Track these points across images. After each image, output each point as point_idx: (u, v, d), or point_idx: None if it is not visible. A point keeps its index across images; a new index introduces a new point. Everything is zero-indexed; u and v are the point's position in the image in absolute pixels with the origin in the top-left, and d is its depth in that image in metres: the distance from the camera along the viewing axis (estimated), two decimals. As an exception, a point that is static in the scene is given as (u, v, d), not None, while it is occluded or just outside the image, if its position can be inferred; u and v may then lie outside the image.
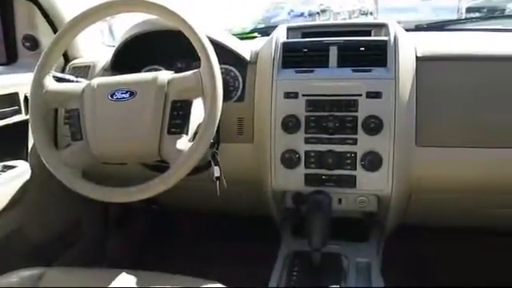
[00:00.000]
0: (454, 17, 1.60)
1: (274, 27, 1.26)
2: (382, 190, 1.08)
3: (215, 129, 0.92)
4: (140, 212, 1.77)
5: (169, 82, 0.94)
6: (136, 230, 1.81)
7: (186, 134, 0.95)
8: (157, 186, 0.91)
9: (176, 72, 0.99)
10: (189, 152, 0.90)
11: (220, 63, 0.93)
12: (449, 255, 1.59)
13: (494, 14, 1.63)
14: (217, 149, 1.12)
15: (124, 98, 0.94)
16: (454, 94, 1.08)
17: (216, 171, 1.05)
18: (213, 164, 1.05)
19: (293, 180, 1.12)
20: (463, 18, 1.61)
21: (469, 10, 1.71)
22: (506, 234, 1.42)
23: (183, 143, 0.93)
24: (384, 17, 1.42)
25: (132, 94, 0.94)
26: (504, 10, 1.63)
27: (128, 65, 1.19)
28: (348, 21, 1.26)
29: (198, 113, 0.98)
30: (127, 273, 0.92)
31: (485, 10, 1.70)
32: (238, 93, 1.18)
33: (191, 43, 0.92)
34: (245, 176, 1.18)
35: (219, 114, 0.92)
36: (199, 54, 0.91)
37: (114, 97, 0.95)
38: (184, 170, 0.90)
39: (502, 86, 1.07)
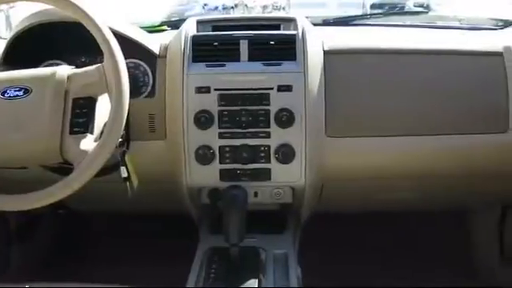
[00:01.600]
0: (360, 12, 1.67)
1: (184, 20, 1.23)
2: (296, 182, 1.11)
3: (122, 127, 0.87)
4: (46, 218, 1.65)
5: (69, 78, 0.88)
6: (42, 238, 1.68)
7: (91, 133, 0.89)
8: (60, 191, 0.84)
9: (79, 67, 0.92)
10: (94, 152, 0.85)
11: (127, 57, 0.89)
12: (361, 238, 1.68)
13: (394, 10, 1.73)
14: (127, 147, 1.07)
15: (17, 96, 0.86)
16: (359, 86, 1.12)
17: (123, 172, 1.00)
18: (120, 164, 1.00)
19: (208, 176, 1.10)
20: (368, 13, 1.68)
21: (373, 6, 1.80)
22: (411, 215, 1.53)
23: (88, 143, 0.87)
24: (295, 11, 1.45)
25: (26, 91, 0.87)
26: (404, 7, 1.75)
27: (23, 59, 1.09)
28: (258, 14, 1.27)
29: (104, 110, 0.92)
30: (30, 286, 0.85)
31: (387, 7, 1.80)
32: (148, 88, 1.13)
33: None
34: (159, 174, 1.15)
35: (126, 110, 0.87)
36: (101, 47, 0.86)
37: (6, 95, 0.87)
38: (90, 172, 0.84)
39: (402, 78, 1.14)
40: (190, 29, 1.15)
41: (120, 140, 0.96)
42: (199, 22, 1.20)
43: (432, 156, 1.15)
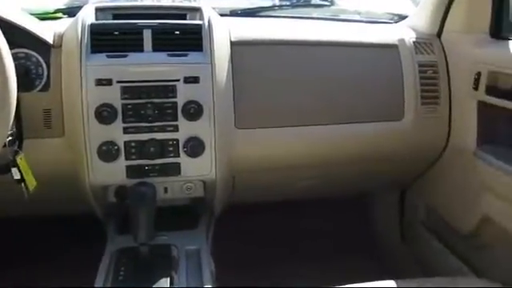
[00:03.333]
0: (267, 4, 1.68)
1: (81, 7, 1.14)
2: (206, 175, 1.09)
3: (9, 124, 0.79)
4: None
5: None
6: None
7: None
8: None
9: None
10: None
11: (16, 47, 0.80)
12: (273, 228, 1.72)
13: (300, 2, 1.77)
14: (19, 147, 0.98)
15: None
16: (266, 77, 1.13)
17: (15, 173, 0.91)
18: (11, 165, 0.91)
19: (113, 174, 1.04)
20: (275, 5, 1.70)
21: (281, -2, 1.82)
22: (318, 202, 1.59)
23: None
24: (203, 1, 1.41)
25: None
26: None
27: None
28: (161, 3, 1.22)
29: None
30: None
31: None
32: (43, 81, 1.04)
33: None
34: (59, 174, 1.07)
35: (13, 106, 0.79)
36: None
37: None
38: None
39: (307, 69, 1.17)
40: (87, 16, 1.07)
41: (9, 139, 0.87)
42: (98, 9, 1.12)
43: (336, 144, 1.20)
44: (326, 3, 1.71)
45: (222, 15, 1.22)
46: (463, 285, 0.90)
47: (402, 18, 1.44)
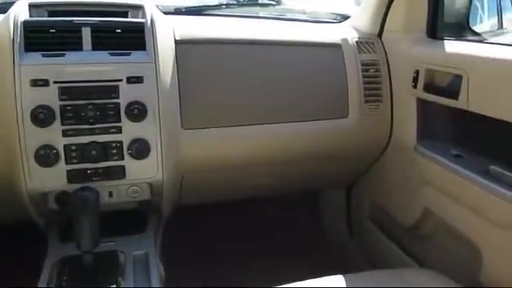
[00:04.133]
0: (213, 2, 1.67)
1: (12, 3, 1.07)
2: (153, 177, 1.06)
3: None
4: None
5: None
6: None
7: None
8: None
9: None
10: None
11: None
12: (224, 228, 1.71)
13: (246, 1, 1.77)
14: None
15: None
16: (212, 76, 1.12)
17: None
18: None
19: (53, 179, 0.99)
20: (221, 4, 1.69)
21: (228, -4, 1.81)
22: (269, 200, 1.60)
23: None
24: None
25: None
26: (257, -1, 1.79)
27: None
28: (102, 0, 1.17)
29: None
30: None
31: (241, -2, 1.83)
32: None
33: None
34: None
35: None
36: None
37: None
38: None
39: (253, 68, 1.16)
40: (20, 13, 1.01)
41: None
42: (32, 6, 1.06)
43: (284, 143, 1.20)
44: (272, 2, 1.71)
45: (165, 13, 1.20)
46: (406, 276, 0.94)
47: (345, 18, 1.48)
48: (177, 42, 1.10)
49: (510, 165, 0.98)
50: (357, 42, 1.27)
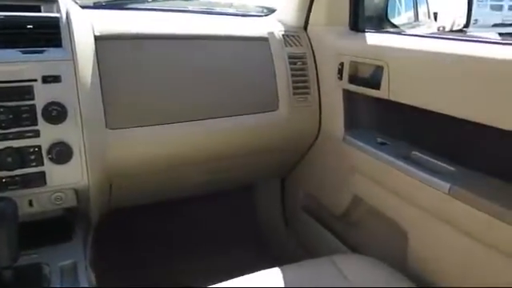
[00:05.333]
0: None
1: None
2: (78, 182, 1.00)
3: None
4: None
5: None
6: None
7: None
8: None
9: None
10: None
11: None
12: (159, 230, 1.67)
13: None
14: None
15: None
16: (137, 73, 1.07)
17: None
18: None
19: None
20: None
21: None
22: (203, 198, 1.58)
23: None
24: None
25: None
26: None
27: None
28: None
29: None
30: None
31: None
32: None
33: None
34: None
35: None
36: None
37: None
38: None
39: (179, 64, 1.13)
40: None
41: None
42: None
43: (216, 139, 1.19)
44: (197, -4, 1.69)
45: (83, 7, 1.13)
46: (339, 262, 0.96)
47: (272, 11, 1.48)
48: (96, 38, 1.04)
49: (430, 150, 1.04)
50: (283, 35, 1.28)
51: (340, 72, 1.19)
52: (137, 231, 1.63)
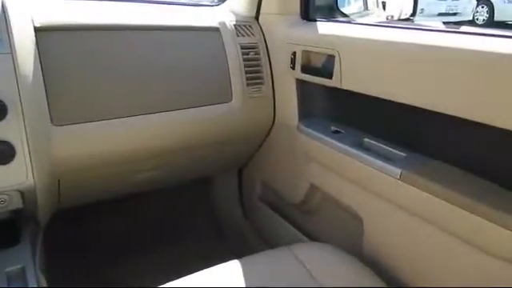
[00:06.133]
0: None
1: None
2: (22, 183, 0.94)
3: None
4: None
5: None
6: None
7: None
8: None
9: None
10: None
11: None
12: (116, 227, 1.62)
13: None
14: None
15: None
16: (83, 66, 1.02)
17: None
18: None
19: None
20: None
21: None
22: (160, 192, 1.55)
23: None
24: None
25: None
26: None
27: None
28: None
29: None
30: None
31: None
32: None
33: None
34: None
35: None
36: None
37: None
38: None
39: (125, 56, 1.09)
40: None
41: None
42: None
43: (169, 132, 1.16)
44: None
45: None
46: (297, 251, 0.97)
47: (223, 0, 1.46)
48: (36, 30, 0.98)
49: (382, 137, 1.06)
50: (235, 25, 1.26)
51: (292, 61, 1.19)
52: (90, 231, 1.58)
